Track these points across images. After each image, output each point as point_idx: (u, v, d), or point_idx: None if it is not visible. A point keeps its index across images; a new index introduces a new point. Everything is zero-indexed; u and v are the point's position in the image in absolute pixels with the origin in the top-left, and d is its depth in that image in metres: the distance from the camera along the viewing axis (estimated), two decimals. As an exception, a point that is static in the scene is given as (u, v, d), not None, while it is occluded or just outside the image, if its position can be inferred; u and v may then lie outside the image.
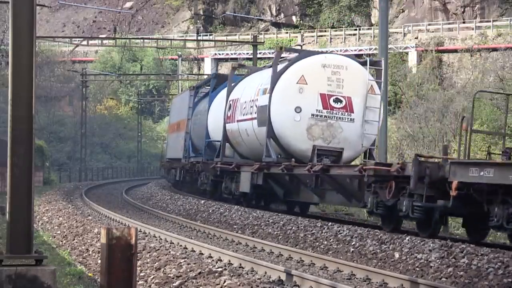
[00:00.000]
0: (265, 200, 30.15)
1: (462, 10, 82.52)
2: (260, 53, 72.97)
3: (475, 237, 18.06)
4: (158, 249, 15.67)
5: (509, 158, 18.36)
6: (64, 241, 19.72)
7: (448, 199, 16.82)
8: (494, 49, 70.29)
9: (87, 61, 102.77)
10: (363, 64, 26.43)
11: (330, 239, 18.61)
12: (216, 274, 12.06)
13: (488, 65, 65.00)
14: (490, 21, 76.69)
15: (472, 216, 17.64)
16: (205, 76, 74.36)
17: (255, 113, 27.44)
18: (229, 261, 15.87)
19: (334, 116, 25.59)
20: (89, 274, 13.83)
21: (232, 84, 31.22)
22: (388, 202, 19.03)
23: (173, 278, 12.41)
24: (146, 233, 21.71)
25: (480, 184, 16.01)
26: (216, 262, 15.90)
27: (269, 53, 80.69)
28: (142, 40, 68.25)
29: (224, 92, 32.42)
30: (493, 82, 57.49)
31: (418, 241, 16.13)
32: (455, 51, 75.74)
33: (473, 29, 77.49)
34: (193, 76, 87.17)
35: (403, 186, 18.48)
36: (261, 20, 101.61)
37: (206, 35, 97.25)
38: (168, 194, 38.92)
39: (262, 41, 72.24)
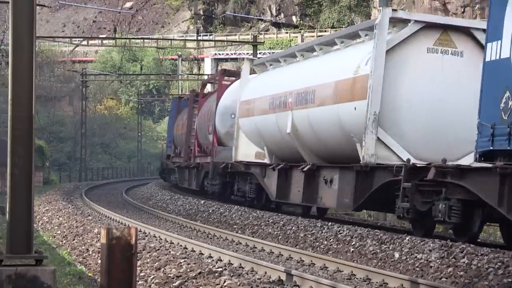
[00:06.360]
0: None
1: (462, 10, 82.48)
2: (260, 53, 72.93)
3: None
4: (158, 249, 15.67)
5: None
6: (64, 241, 19.72)
7: None
8: (494, 49, 70.21)
9: (87, 61, 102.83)
10: None
11: (330, 239, 18.59)
12: (216, 274, 12.06)
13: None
14: (490, 21, 76.72)
15: None
16: (206, 77, 74.24)
17: None
18: (229, 261, 15.86)
19: None
20: (89, 274, 13.82)
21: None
22: None
23: (173, 278, 12.41)
24: (146, 233, 21.69)
25: None
26: (216, 262, 15.89)
27: (269, 53, 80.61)
28: (142, 40, 68.21)
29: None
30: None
31: (418, 241, 16.12)
32: (455, 51, 75.65)
33: (473, 29, 77.49)
34: (193, 76, 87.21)
35: None
36: (261, 20, 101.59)
37: (206, 35, 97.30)
38: (168, 194, 38.92)
39: (262, 41, 72.24)
